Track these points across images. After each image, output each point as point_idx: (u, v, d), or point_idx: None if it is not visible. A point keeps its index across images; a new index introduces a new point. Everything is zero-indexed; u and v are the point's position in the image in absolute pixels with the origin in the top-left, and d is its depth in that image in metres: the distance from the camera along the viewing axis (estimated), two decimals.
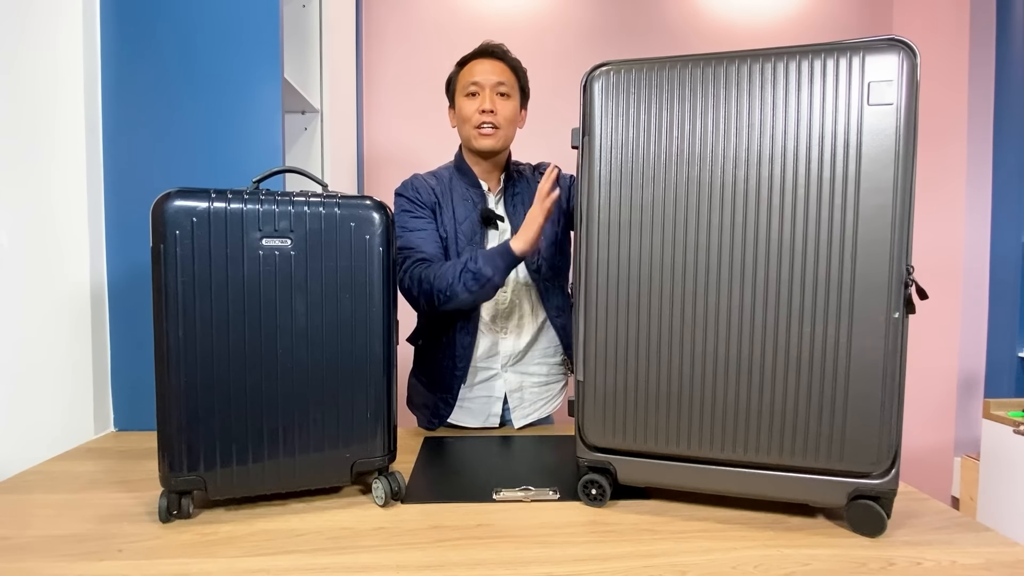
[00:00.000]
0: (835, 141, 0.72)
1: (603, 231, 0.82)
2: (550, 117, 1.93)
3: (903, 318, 0.72)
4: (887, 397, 0.73)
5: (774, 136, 0.74)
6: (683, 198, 0.78)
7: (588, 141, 0.83)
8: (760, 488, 0.81)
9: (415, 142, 2.20)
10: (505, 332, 1.28)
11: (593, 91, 0.82)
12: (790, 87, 0.74)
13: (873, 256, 0.72)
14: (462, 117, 1.24)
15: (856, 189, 0.72)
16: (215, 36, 1.26)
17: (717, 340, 0.78)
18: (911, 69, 0.70)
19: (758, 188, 0.75)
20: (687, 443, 0.81)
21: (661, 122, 0.79)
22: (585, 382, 0.85)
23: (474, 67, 1.23)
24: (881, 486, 0.76)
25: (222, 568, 0.70)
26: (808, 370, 0.74)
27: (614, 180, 0.82)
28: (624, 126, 0.81)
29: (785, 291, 0.74)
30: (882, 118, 0.71)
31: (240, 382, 0.82)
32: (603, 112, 0.82)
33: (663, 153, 0.79)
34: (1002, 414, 1.81)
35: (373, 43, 2.19)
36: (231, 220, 0.80)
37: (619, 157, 0.81)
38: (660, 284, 0.79)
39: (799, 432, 0.76)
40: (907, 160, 0.71)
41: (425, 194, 1.25)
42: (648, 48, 2.28)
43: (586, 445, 0.88)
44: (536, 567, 0.70)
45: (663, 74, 0.79)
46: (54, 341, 1.14)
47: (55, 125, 1.16)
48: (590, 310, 0.83)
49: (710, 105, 0.77)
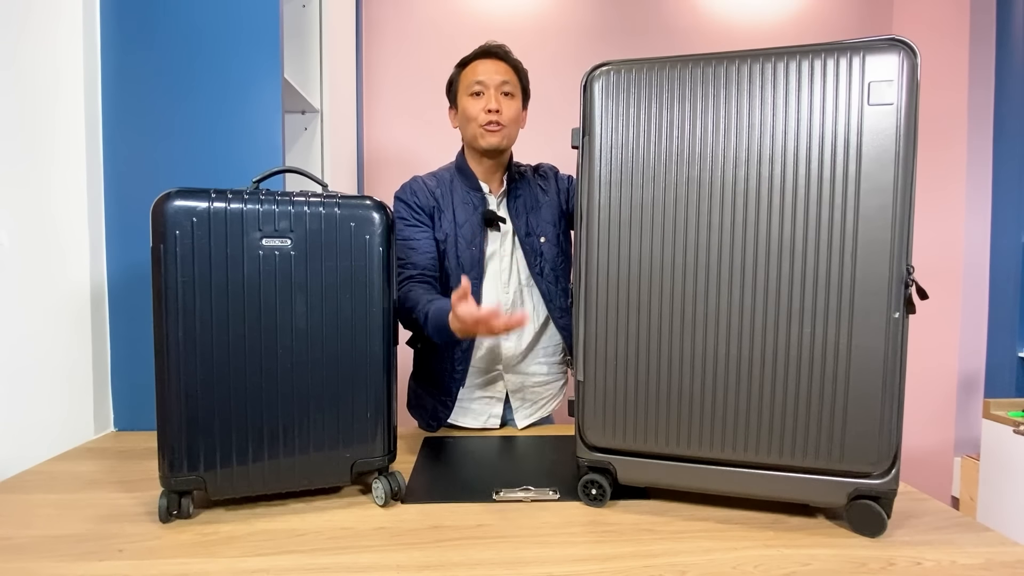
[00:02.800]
0: (835, 141, 0.72)
1: (603, 231, 0.82)
2: (550, 116, 1.93)
3: (903, 318, 0.72)
4: (887, 397, 0.73)
5: (774, 136, 0.74)
6: (683, 198, 0.78)
7: (588, 141, 0.83)
8: (760, 488, 0.81)
9: (415, 142, 2.20)
10: (507, 334, 1.28)
11: (593, 91, 0.83)
12: (790, 87, 0.73)
13: (873, 256, 0.71)
14: (467, 116, 1.24)
15: (856, 189, 0.72)
16: (215, 36, 1.26)
17: (717, 340, 0.77)
18: (911, 69, 0.70)
19: (758, 188, 0.75)
20: (687, 443, 0.81)
21: (661, 122, 0.79)
22: (585, 382, 0.85)
23: (477, 67, 1.23)
24: (881, 486, 0.76)
25: (222, 568, 0.70)
26: (808, 370, 0.74)
27: (614, 180, 0.81)
28: (624, 126, 0.81)
29: (785, 291, 0.74)
30: (882, 118, 0.71)
31: (240, 382, 0.82)
32: (603, 112, 0.82)
33: (663, 153, 0.79)
34: (1002, 414, 1.81)
35: (373, 43, 2.19)
36: (231, 220, 0.80)
37: (619, 157, 0.81)
38: (660, 284, 0.79)
39: (799, 432, 0.76)
40: (907, 160, 0.71)
41: (423, 197, 1.24)
42: (648, 48, 2.28)
43: (586, 445, 0.88)
44: (536, 567, 0.70)
45: (663, 74, 0.79)
46: (54, 341, 1.14)
47: (55, 125, 1.16)
48: (590, 310, 0.83)
49: (710, 105, 0.77)
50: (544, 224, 1.28)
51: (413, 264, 1.20)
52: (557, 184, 1.34)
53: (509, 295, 1.27)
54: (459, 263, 1.22)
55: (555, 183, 1.34)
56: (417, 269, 1.20)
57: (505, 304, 1.27)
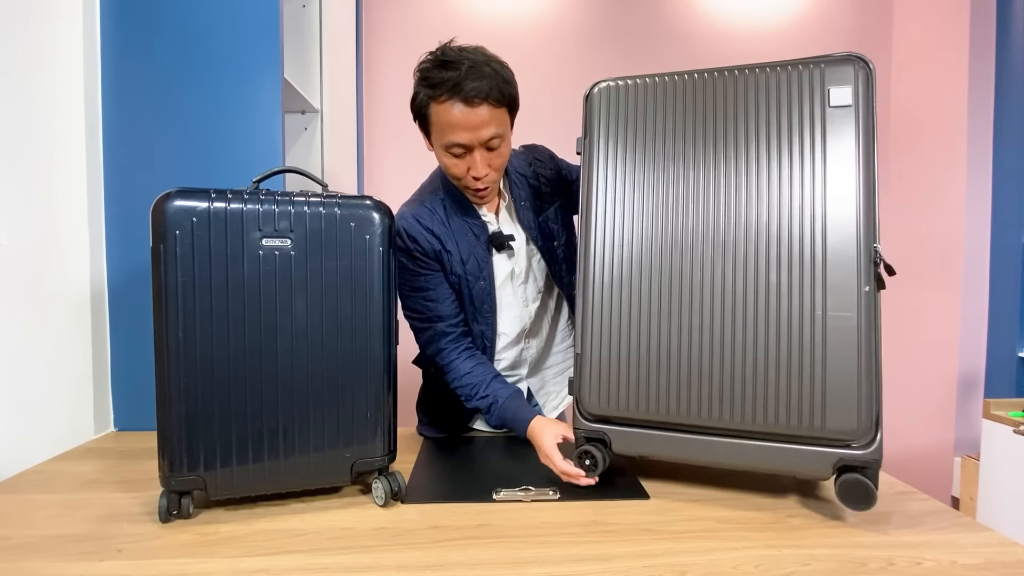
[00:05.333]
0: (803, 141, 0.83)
1: (601, 218, 0.91)
2: (551, 116, 1.92)
3: (874, 292, 0.79)
4: (864, 367, 0.78)
5: (748, 134, 0.85)
6: (672, 189, 0.88)
7: (589, 144, 0.94)
8: (749, 458, 0.84)
9: (415, 142, 2.20)
10: (529, 342, 1.25)
11: (593, 103, 0.94)
12: (764, 95, 0.85)
13: (842, 236, 0.80)
14: (448, 172, 1.07)
15: (824, 178, 0.81)
16: (215, 36, 1.26)
17: (702, 312, 0.84)
18: (866, 77, 0.82)
19: (736, 178, 0.85)
20: (677, 408, 0.85)
21: (654, 127, 0.91)
22: (583, 354, 0.90)
23: (453, 116, 0.98)
24: (866, 456, 0.79)
25: (222, 568, 0.70)
26: (788, 339, 0.80)
27: (611, 175, 0.92)
28: (622, 132, 0.92)
29: (763, 267, 0.82)
30: (843, 115, 0.82)
31: (240, 382, 0.82)
32: (602, 119, 0.93)
33: (656, 152, 0.90)
34: (1002, 414, 1.81)
35: (373, 43, 2.19)
36: (231, 220, 0.80)
37: (617, 156, 0.92)
38: (650, 263, 0.88)
39: (782, 395, 0.80)
40: (868, 154, 0.81)
41: (424, 243, 1.10)
42: (648, 48, 2.28)
43: (583, 416, 0.92)
44: (536, 567, 0.70)
45: (654, 87, 0.91)
46: (54, 341, 1.14)
47: (55, 125, 1.16)
48: (588, 289, 0.90)
49: (697, 113, 0.88)
50: (555, 226, 1.20)
51: (439, 317, 1.12)
52: (559, 173, 1.22)
53: (530, 309, 1.21)
54: (472, 301, 1.15)
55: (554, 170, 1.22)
56: (444, 322, 1.12)
57: (525, 320, 1.21)
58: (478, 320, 1.16)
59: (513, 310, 1.20)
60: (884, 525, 0.82)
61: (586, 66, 2.24)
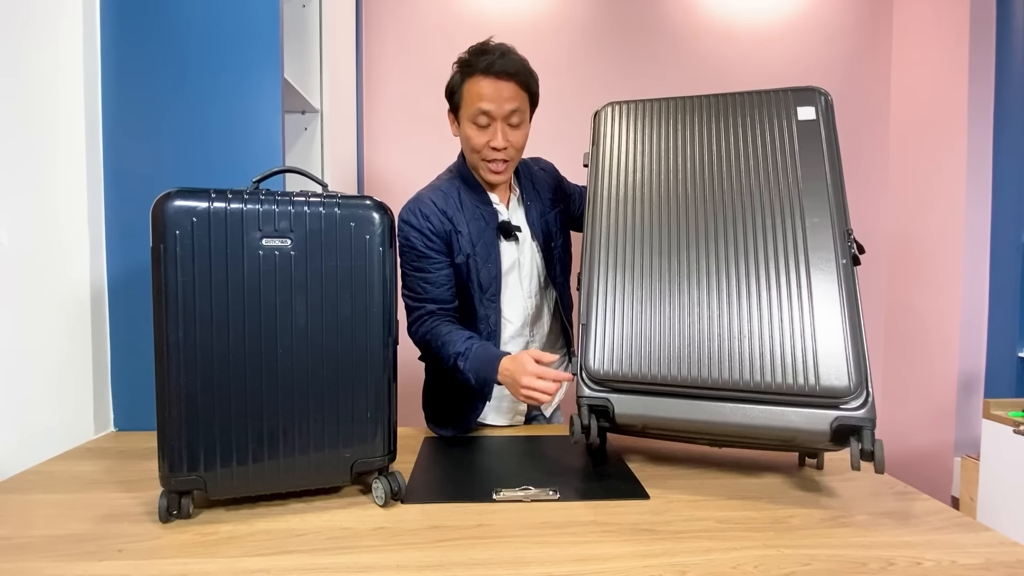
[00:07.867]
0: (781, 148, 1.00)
1: (606, 206, 1.03)
2: (553, 116, 1.92)
3: (851, 266, 0.91)
4: (849, 329, 0.86)
5: (736, 145, 1.02)
6: (671, 182, 1.02)
7: (596, 151, 1.08)
8: (751, 420, 0.87)
9: (415, 142, 2.20)
10: (534, 334, 1.28)
11: (601, 121, 1.11)
12: (747, 114, 1.04)
13: (819, 219, 0.94)
14: (469, 144, 1.16)
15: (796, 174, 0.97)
16: (215, 36, 1.26)
17: (699, 285, 0.94)
18: (826, 102, 1.02)
19: (728, 177, 1.00)
20: (679, 370, 0.89)
21: (656, 136, 1.07)
22: (588, 324, 0.96)
23: (483, 87, 1.11)
24: (861, 415, 0.83)
25: (222, 568, 0.70)
26: (779, 306, 0.89)
27: (615, 173, 1.05)
28: (626, 142, 1.07)
29: (752, 243, 0.94)
30: (810, 128, 1.00)
31: (240, 382, 0.82)
32: (608, 132, 1.09)
33: (655, 153, 1.05)
34: (1002, 414, 1.81)
35: (373, 43, 2.19)
36: (231, 220, 0.80)
37: (620, 155, 1.06)
38: (651, 242, 0.98)
39: (777, 357, 0.87)
40: (832, 155, 0.98)
41: (437, 222, 1.15)
42: (648, 49, 2.28)
43: (587, 384, 0.94)
44: (536, 567, 0.70)
45: (654, 109, 1.09)
46: (54, 341, 1.14)
47: (55, 125, 1.16)
48: (594, 267, 0.99)
49: (694, 130, 1.05)
50: (554, 228, 1.28)
51: (432, 299, 1.15)
52: (559, 183, 1.34)
53: (532, 301, 1.25)
54: (479, 283, 1.18)
55: (556, 180, 1.33)
56: (436, 304, 1.16)
57: (528, 310, 1.25)
58: (484, 303, 1.20)
59: (517, 299, 1.24)
60: (884, 525, 0.82)
61: (586, 65, 2.24)
